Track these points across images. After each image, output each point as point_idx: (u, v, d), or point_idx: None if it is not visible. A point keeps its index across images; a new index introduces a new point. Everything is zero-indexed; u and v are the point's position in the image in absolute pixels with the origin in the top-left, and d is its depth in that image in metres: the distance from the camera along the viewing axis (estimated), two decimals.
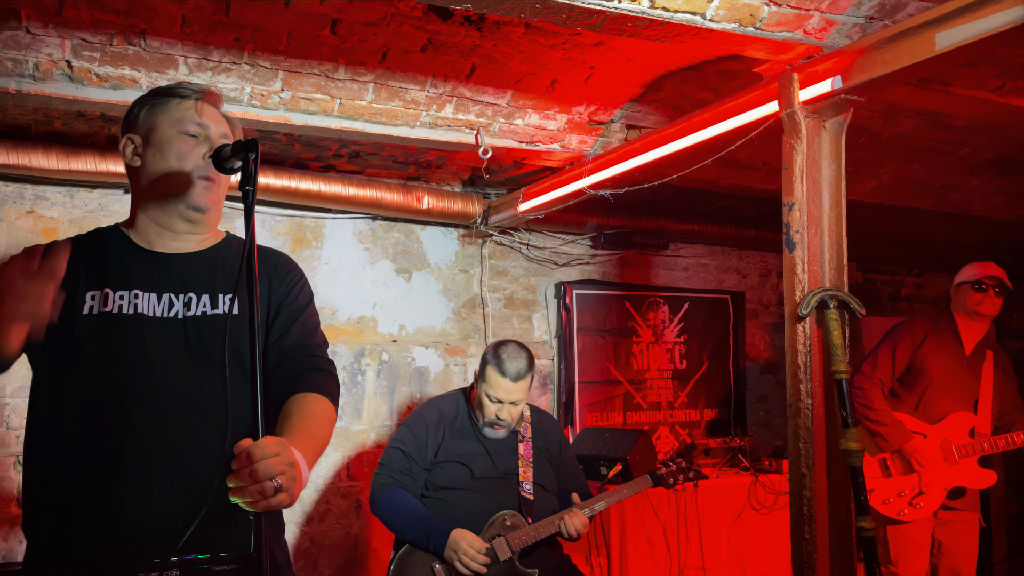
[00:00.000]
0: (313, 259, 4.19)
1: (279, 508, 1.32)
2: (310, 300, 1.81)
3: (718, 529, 4.17)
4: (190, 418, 1.54)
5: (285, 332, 1.72)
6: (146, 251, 1.67)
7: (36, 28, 2.58)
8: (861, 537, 2.34)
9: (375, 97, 3.13)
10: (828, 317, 2.35)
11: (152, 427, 1.51)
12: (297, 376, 1.68)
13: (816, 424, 2.38)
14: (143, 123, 1.69)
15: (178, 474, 1.51)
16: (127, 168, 1.74)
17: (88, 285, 1.59)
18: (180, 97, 1.70)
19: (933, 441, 3.50)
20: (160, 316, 1.59)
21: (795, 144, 2.42)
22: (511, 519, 2.93)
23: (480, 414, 3.04)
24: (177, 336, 1.59)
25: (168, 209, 1.67)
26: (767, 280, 5.65)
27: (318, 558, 4.08)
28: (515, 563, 2.86)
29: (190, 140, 1.66)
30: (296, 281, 1.78)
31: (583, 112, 3.41)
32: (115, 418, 1.51)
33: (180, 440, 1.53)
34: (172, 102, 1.69)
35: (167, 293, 1.62)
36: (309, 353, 1.73)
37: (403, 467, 2.97)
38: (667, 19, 2.17)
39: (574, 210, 4.14)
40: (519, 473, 3.04)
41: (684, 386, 5.16)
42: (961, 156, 3.97)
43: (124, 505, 1.48)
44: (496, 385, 2.96)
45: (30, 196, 3.62)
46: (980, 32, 1.93)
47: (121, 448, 1.50)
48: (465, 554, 2.75)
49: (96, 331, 1.55)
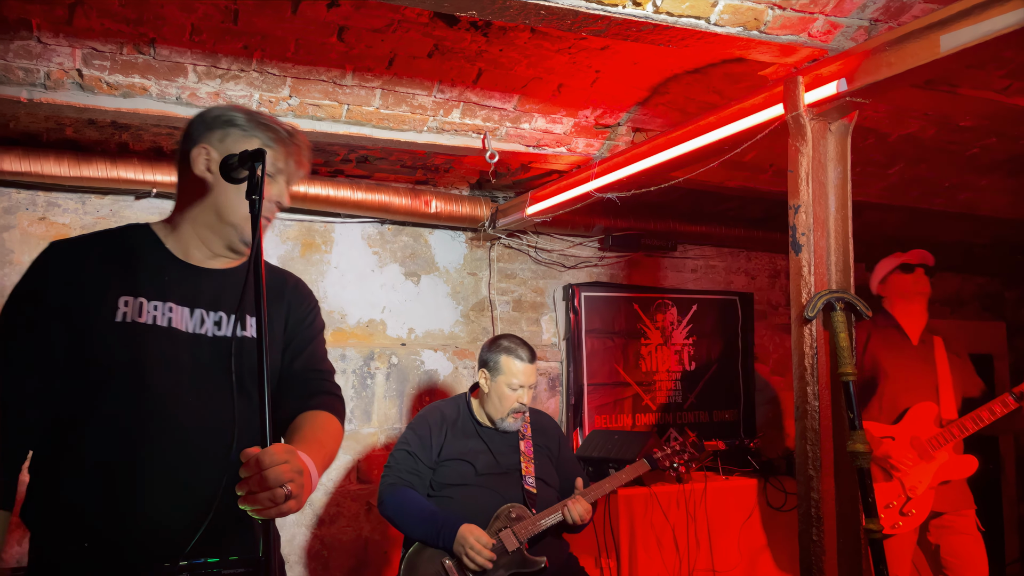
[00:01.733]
0: (322, 263, 4.21)
1: (288, 514, 1.33)
2: (322, 328, 1.86)
3: (728, 531, 4.17)
4: (209, 433, 1.55)
5: (297, 357, 1.76)
6: (182, 262, 1.67)
7: (47, 38, 2.62)
8: (869, 539, 2.34)
9: (382, 103, 3.15)
10: (835, 319, 2.35)
11: (170, 439, 1.53)
12: (307, 396, 1.73)
13: (823, 426, 2.38)
14: (227, 144, 1.63)
15: (192, 485, 1.52)
16: (190, 176, 1.67)
17: (121, 290, 1.58)
18: (274, 133, 1.67)
19: (903, 440, 3.40)
20: (192, 332, 1.61)
21: (800, 147, 2.42)
22: (516, 511, 3.01)
23: (499, 407, 3.12)
24: (205, 353, 1.60)
25: (220, 234, 1.66)
26: (776, 281, 5.64)
27: (329, 560, 4.10)
28: (524, 553, 2.92)
29: (267, 181, 1.62)
30: (311, 308, 1.84)
31: (589, 116, 3.42)
32: (135, 427, 1.52)
33: (194, 454, 1.54)
34: (265, 137, 1.66)
35: (199, 309, 1.63)
36: (319, 377, 1.79)
37: (409, 467, 3.03)
38: (671, 24, 2.17)
39: (582, 213, 4.15)
40: (521, 468, 3.13)
41: (693, 388, 5.16)
42: (969, 156, 3.95)
43: (138, 512, 1.50)
44: (516, 372, 3.11)
45: (42, 203, 3.65)
46: (985, 34, 1.92)
47: (137, 458, 1.51)
48: (472, 548, 2.81)
49: (127, 340, 1.55)
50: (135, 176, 3.49)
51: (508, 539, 2.91)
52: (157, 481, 1.52)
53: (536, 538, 2.98)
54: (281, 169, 1.68)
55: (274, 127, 1.68)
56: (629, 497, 3.95)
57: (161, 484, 1.52)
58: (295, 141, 1.71)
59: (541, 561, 2.94)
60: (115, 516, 1.50)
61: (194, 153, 1.65)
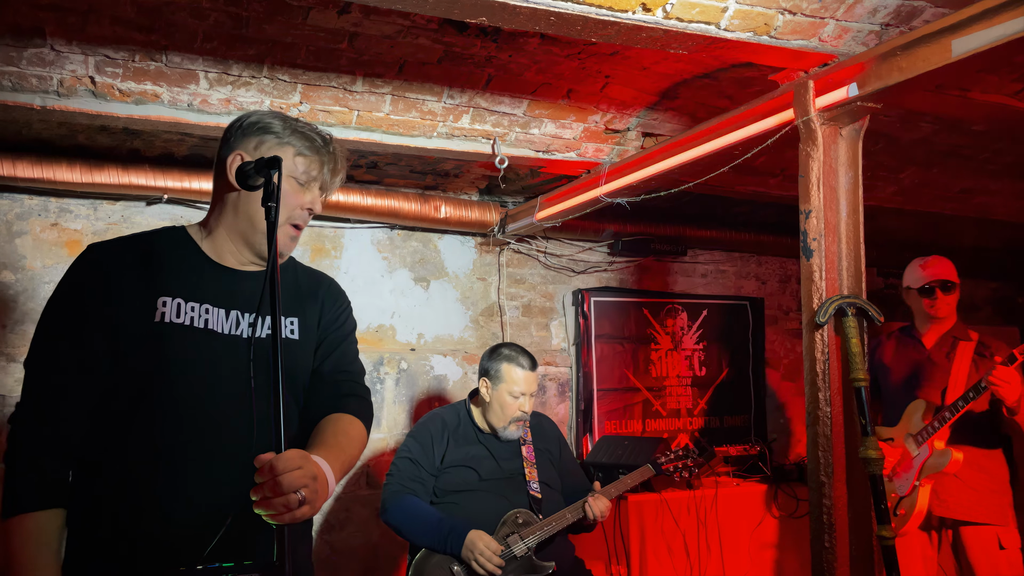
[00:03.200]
0: (332, 268, 4.22)
1: (302, 520, 1.33)
2: (354, 328, 1.87)
3: (738, 537, 4.15)
4: (242, 435, 1.54)
5: (327, 357, 1.77)
6: (217, 264, 1.68)
7: (60, 45, 2.63)
8: (882, 545, 2.32)
9: (392, 108, 3.16)
10: (846, 325, 2.33)
11: (206, 440, 1.54)
12: (335, 399, 1.74)
13: (835, 432, 2.36)
14: (261, 151, 1.63)
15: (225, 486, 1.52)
16: (224, 181, 1.67)
17: (159, 290, 1.59)
18: (309, 141, 1.66)
19: (899, 441, 3.37)
20: (227, 333, 1.61)
21: (811, 152, 2.41)
22: (523, 516, 3.01)
23: (501, 415, 3.13)
24: (240, 354, 1.60)
25: (251, 241, 1.67)
26: (787, 286, 5.62)
27: (338, 566, 4.10)
28: (532, 558, 2.91)
29: (299, 188, 1.65)
30: (344, 308, 1.85)
31: (599, 120, 3.42)
32: (171, 427, 1.53)
33: (228, 454, 1.54)
34: (300, 145, 1.65)
35: (234, 310, 1.64)
36: (348, 379, 1.80)
37: (412, 475, 3.03)
38: (681, 29, 2.17)
39: (591, 218, 4.15)
40: (525, 473, 3.14)
41: (703, 393, 5.14)
42: (982, 160, 3.93)
43: (173, 513, 1.51)
44: (518, 380, 3.12)
45: (54, 209, 3.68)
46: (997, 39, 1.92)
47: (173, 459, 1.52)
48: (482, 554, 2.80)
49: (166, 340, 1.56)
50: (146, 182, 3.51)
51: (516, 544, 2.91)
52: (192, 482, 1.52)
53: (544, 543, 2.98)
54: (315, 177, 1.68)
55: (310, 135, 1.67)
56: (639, 503, 3.94)
57: (196, 485, 1.52)
58: (331, 149, 1.70)
59: (549, 566, 2.94)
60: (150, 517, 1.51)
61: (229, 159, 1.65)
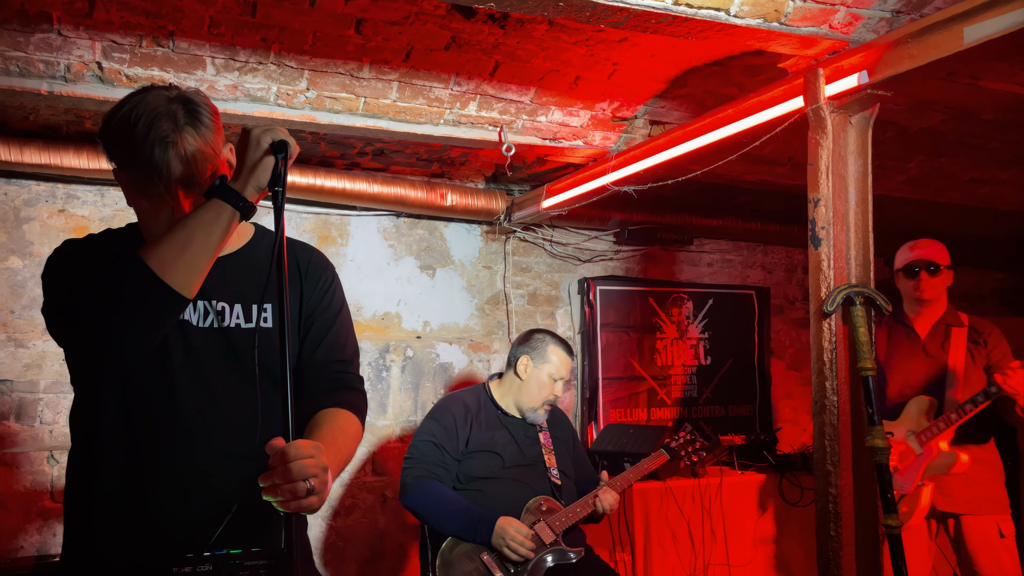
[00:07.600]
0: (338, 256, 4.22)
1: (308, 510, 1.32)
2: (342, 304, 1.76)
3: (743, 525, 4.16)
4: (226, 426, 1.55)
5: (317, 346, 1.70)
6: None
7: (67, 31, 2.63)
8: (888, 535, 2.33)
9: (399, 95, 3.15)
10: (854, 314, 2.33)
11: (189, 434, 1.53)
12: (328, 393, 1.68)
13: (842, 421, 2.36)
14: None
15: (213, 477, 1.53)
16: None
17: None
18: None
19: (899, 436, 3.31)
20: (198, 325, 1.58)
21: (821, 140, 2.40)
22: (547, 503, 3.01)
23: (536, 396, 3.14)
24: (214, 345, 1.58)
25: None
26: (793, 275, 5.61)
27: (344, 552, 4.12)
28: (560, 544, 2.92)
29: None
30: (328, 285, 1.73)
31: (606, 108, 3.40)
32: (153, 422, 1.53)
33: (213, 447, 1.55)
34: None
35: (201, 301, 1.59)
36: (340, 369, 1.72)
37: (436, 459, 3.00)
38: (691, 15, 2.16)
39: (597, 206, 4.14)
40: (544, 460, 3.14)
41: (709, 382, 5.14)
42: (990, 150, 3.91)
43: (160, 507, 1.51)
44: (561, 363, 3.17)
45: (62, 195, 3.68)
46: (1009, 26, 1.90)
47: (159, 453, 1.52)
48: (513, 540, 2.80)
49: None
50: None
51: (543, 531, 2.90)
52: (179, 474, 1.52)
53: (568, 529, 2.98)
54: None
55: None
56: (644, 491, 3.94)
57: (184, 477, 1.53)
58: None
59: (579, 552, 2.93)
60: (142, 511, 1.52)
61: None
